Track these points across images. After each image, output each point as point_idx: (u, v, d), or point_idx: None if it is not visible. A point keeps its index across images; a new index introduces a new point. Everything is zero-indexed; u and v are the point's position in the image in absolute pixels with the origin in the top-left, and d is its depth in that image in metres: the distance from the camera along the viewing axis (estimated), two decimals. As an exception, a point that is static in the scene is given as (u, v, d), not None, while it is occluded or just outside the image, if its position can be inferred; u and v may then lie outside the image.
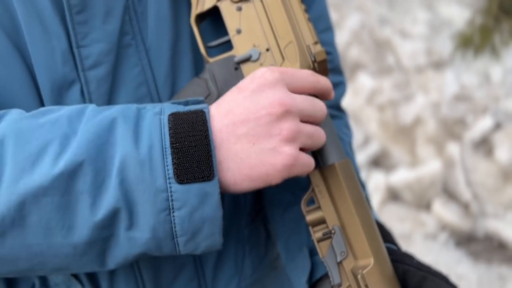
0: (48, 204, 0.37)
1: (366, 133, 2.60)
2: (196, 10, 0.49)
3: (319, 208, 0.45)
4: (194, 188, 0.38)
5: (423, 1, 3.17)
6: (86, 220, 0.38)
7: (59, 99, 0.45)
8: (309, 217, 0.45)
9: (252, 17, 0.48)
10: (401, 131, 2.56)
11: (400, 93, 2.71)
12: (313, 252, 0.50)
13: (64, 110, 0.41)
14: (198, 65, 0.50)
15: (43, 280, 0.50)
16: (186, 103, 0.43)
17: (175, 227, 0.39)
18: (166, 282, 0.51)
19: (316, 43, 0.47)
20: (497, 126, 2.42)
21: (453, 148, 2.37)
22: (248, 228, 0.57)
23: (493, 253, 1.99)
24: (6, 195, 0.37)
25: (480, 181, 2.25)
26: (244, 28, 0.48)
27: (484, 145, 2.38)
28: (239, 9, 0.48)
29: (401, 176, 2.29)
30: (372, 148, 2.53)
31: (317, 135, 0.43)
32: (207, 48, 0.49)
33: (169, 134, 0.39)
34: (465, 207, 2.17)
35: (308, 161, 0.42)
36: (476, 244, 2.04)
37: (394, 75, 2.83)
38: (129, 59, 0.47)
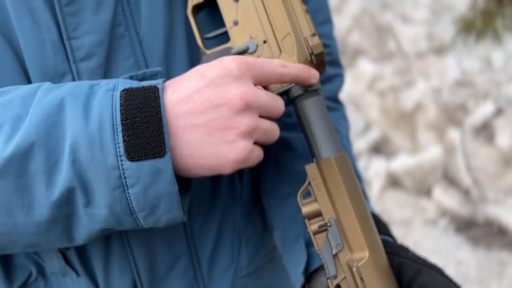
0: (4, 186, 0.38)
1: (367, 119, 2.60)
2: (193, 0, 0.48)
3: (315, 201, 0.45)
4: (146, 165, 0.38)
5: (424, -15, 3.14)
6: (43, 199, 0.38)
7: None
8: (305, 210, 0.45)
9: (249, 8, 0.47)
10: (402, 117, 2.55)
11: (401, 78, 2.70)
12: (309, 244, 0.50)
13: (20, 90, 0.40)
14: (193, 56, 0.50)
15: (40, 268, 0.50)
16: (144, 76, 0.43)
17: (131, 203, 0.39)
18: (161, 271, 0.51)
19: (313, 35, 0.47)
20: (499, 112, 2.41)
21: (453, 134, 2.36)
22: (244, 219, 0.57)
23: (493, 238, 2.00)
24: None
25: (480, 167, 2.25)
26: (241, 20, 0.47)
27: (485, 130, 2.37)
28: (236, 0, 0.48)
29: (401, 162, 2.29)
30: (373, 135, 2.53)
31: (272, 131, 0.43)
32: (203, 39, 0.49)
33: (120, 110, 0.38)
34: (465, 193, 2.17)
35: (260, 153, 0.43)
36: (476, 229, 2.05)
37: (395, 61, 2.81)
38: (122, 51, 0.46)
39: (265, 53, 0.47)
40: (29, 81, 0.45)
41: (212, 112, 0.40)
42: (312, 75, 0.45)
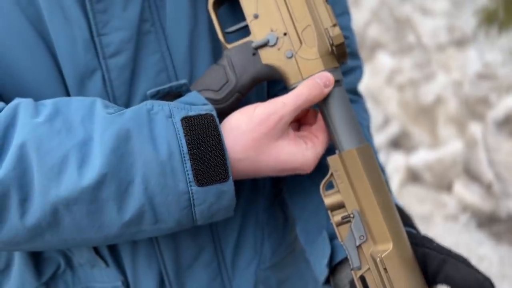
0: (78, 211, 0.41)
1: (386, 113, 2.57)
2: None
3: (338, 192, 0.45)
4: (212, 189, 0.43)
5: (445, -24, 3.08)
6: (114, 221, 0.42)
7: (82, 87, 0.46)
8: (328, 201, 0.45)
9: (269, 1, 0.47)
10: (422, 111, 2.51)
11: (420, 72, 2.66)
12: (332, 236, 0.50)
13: (74, 112, 0.42)
14: (217, 50, 0.50)
15: (68, 260, 0.52)
16: (170, 89, 0.46)
17: (195, 216, 0.44)
18: (186, 262, 0.53)
19: (334, 25, 0.46)
20: (522, 105, 2.36)
21: (475, 128, 2.32)
22: (267, 211, 0.58)
23: (516, 234, 1.96)
24: (40, 204, 0.40)
25: (503, 161, 2.20)
26: (261, 13, 0.47)
27: (508, 124, 2.32)
28: None
29: (421, 157, 2.26)
30: (392, 129, 2.50)
31: None
32: (225, 34, 0.49)
33: (186, 140, 0.42)
34: (487, 187, 2.13)
35: None
36: (498, 225, 2.02)
37: (414, 54, 2.77)
38: (149, 46, 0.47)
39: (285, 46, 0.47)
40: (62, 77, 0.46)
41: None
42: (326, 84, 0.46)
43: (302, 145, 0.47)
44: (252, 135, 0.44)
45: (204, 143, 0.42)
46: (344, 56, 0.47)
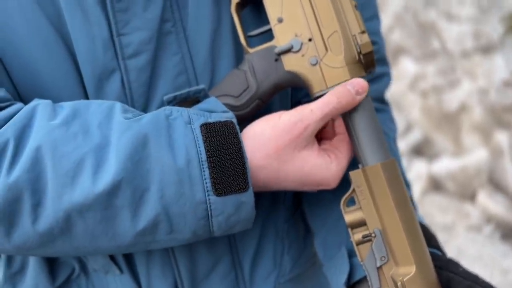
0: (91, 218, 0.40)
1: (408, 120, 2.52)
2: None
3: (359, 209, 0.44)
4: (231, 199, 0.41)
5: (471, -19, 3.01)
6: (128, 230, 0.41)
7: (100, 88, 0.45)
8: (349, 218, 0.44)
9: (294, 4, 0.46)
10: (445, 119, 2.46)
11: (444, 78, 2.60)
12: (352, 253, 0.48)
13: (92, 115, 0.42)
14: (239, 53, 0.49)
15: (82, 265, 0.51)
16: (188, 94, 0.45)
17: (212, 227, 0.42)
18: (202, 273, 0.52)
19: (363, 32, 0.44)
20: (550, 114, 2.29)
21: (501, 137, 2.26)
22: (287, 222, 0.56)
23: (542, 247, 1.90)
24: (53, 210, 0.39)
25: (529, 172, 2.14)
26: (286, 17, 0.46)
27: (535, 133, 2.26)
28: None
29: (444, 165, 2.21)
30: (414, 136, 2.45)
31: None
32: (247, 37, 0.48)
33: (204, 147, 0.41)
34: (512, 198, 2.07)
35: None
36: (524, 237, 1.96)
37: (438, 60, 2.72)
38: (169, 47, 0.46)
39: (310, 52, 0.45)
40: (80, 77, 0.46)
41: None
42: (358, 91, 0.44)
43: (327, 158, 0.45)
44: (276, 142, 0.43)
45: (223, 150, 0.41)
46: (372, 65, 0.45)
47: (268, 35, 0.48)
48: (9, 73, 0.45)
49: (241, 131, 0.44)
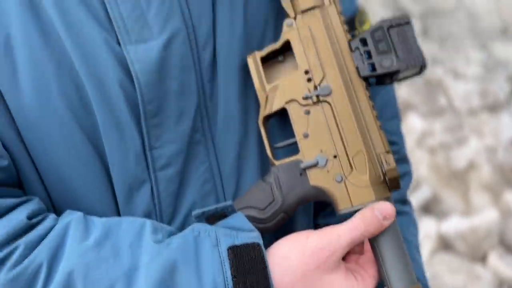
0: None
1: (417, 177, 2.52)
2: (264, 111, 0.48)
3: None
4: None
5: (476, 40, 3.09)
6: None
7: (129, 198, 0.47)
8: None
9: (320, 121, 0.47)
10: (454, 176, 2.46)
11: (452, 136, 2.62)
12: None
13: (123, 236, 0.43)
14: (265, 163, 0.50)
15: None
16: (215, 211, 0.45)
17: None
18: None
19: (387, 152, 0.46)
20: (560, 175, 2.28)
21: (510, 197, 2.24)
22: None
23: (557, 315, 1.84)
24: None
25: (541, 234, 2.11)
26: (312, 133, 0.47)
27: (545, 195, 2.24)
28: (307, 112, 0.47)
29: (454, 224, 2.18)
30: (423, 193, 2.43)
31: None
32: (273, 149, 0.49)
33: (231, 273, 0.41)
34: (525, 261, 2.03)
35: None
36: (538, 303, 1.90)
37: (446, 117, 2.74)
38: (197, 156, 0.48)
39: (335, 168, 0.46)
40: (111, 187, 0.47)
41: None
42: (385, 217, 0.44)
43: (353, 281, 0.45)
44: (303, 268, 0.43)
45: (249, 275, 0.41)
46: (396, 186, 0.46)
47: (294, 147, 0.49)
48: (44, 182, 0.47)
49: (265, 243, 0.45)
